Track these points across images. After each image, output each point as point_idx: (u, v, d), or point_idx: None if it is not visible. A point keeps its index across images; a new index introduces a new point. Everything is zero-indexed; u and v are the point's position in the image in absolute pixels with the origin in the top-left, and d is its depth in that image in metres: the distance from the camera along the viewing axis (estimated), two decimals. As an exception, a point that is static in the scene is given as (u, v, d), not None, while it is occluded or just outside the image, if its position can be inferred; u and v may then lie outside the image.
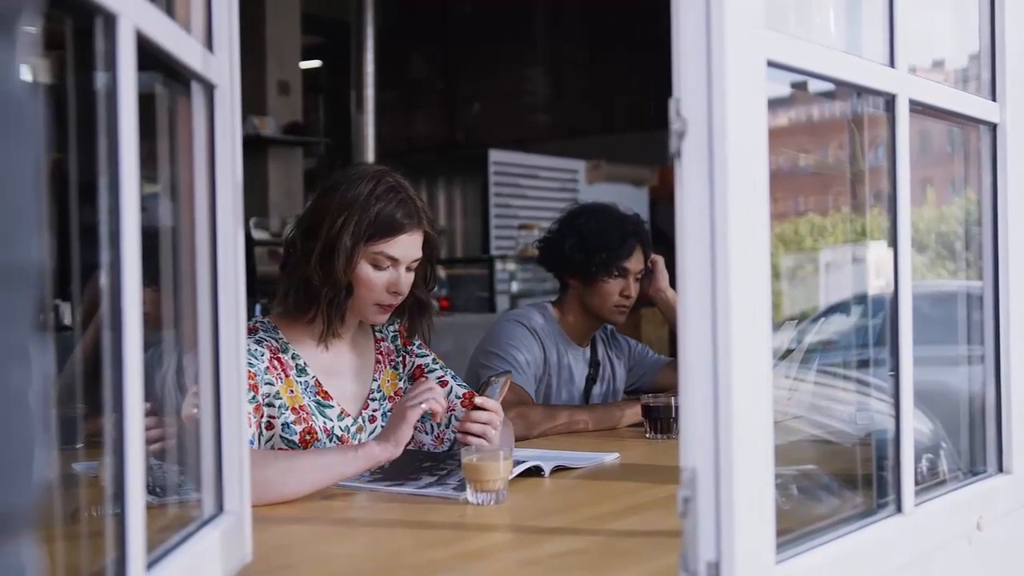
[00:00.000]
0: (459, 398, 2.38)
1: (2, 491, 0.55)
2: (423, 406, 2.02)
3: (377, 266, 2.22)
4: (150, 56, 1.11)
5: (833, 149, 2.06)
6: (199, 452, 1.37)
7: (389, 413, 2.33)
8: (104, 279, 1.02)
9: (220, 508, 1.38)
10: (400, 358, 2.44)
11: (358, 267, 2.21)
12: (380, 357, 2.40)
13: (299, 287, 2.22)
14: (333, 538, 1.74)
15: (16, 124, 0.55)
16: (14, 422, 0.55)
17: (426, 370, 2.44)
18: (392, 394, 2.39)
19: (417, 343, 2.47)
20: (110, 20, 1.00)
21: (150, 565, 1.09)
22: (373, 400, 2.35)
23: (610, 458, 2.38)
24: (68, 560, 1.18)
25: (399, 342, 2.45)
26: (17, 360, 0.56)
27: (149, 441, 1.43)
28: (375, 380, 2.37)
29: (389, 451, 1.98)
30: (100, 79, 1.02)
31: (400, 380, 2.42)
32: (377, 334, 2.43)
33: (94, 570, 1.11)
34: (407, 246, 2.25)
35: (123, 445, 1.01)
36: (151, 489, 1.24)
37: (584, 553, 1.59)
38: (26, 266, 0.56)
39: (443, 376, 2.44)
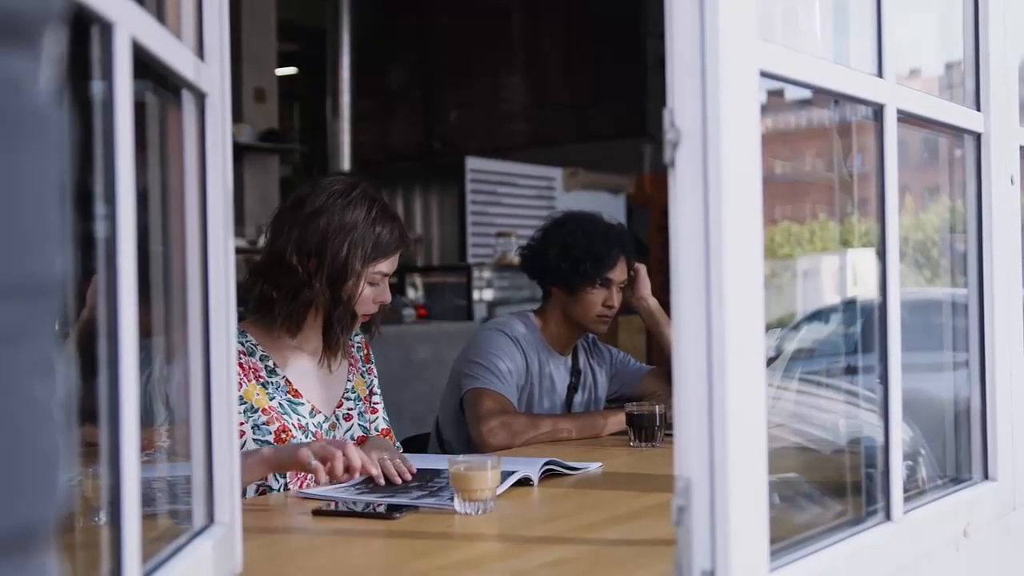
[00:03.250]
0: (378, 431, 2.46)
1: (31, 504, 0.55)
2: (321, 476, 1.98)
3: (372, 283, 2.32)
4: (141, 64, 1.11)
5: (810, 157, 2.07)
6: (190, 463, 1.36)
7: (364, 414, 2.46)
8: (99, 288, 1.01)
9: (211, 519, 1.37)
10: (366, 368, 2.54)
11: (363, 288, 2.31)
12: (352, 360, 2.49)
13: (303, 307, 2.29)
14: (323, 549, 1.73)
15: (43, 137, 0.55)
16: (40, 434, 0.55)
17: (373, 393, 2.55)
18: (362, 396, 2.48)
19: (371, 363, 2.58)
20: (106, 28, 0.99)
21: (144, 577, 1.08)
22: (348, 399, 2.44)
23: (594, 467, 2.38)
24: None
25: (362, 354, 2.55)
26: (42, 372, 0.55)
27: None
28: (349, 381, 2.46)
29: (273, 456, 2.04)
30: (95, 87, 1.02)
31: (367, 387, 2.51)
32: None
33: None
34: (396, 261, 2.37)
35: (119, 456, 1.00)
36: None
37: (576, 562, 1.59)
38: (51, 278, 0.56)
39: (378, 403, 2.54)
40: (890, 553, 1.52)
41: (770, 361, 2.19)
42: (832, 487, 1.75)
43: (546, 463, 2.22)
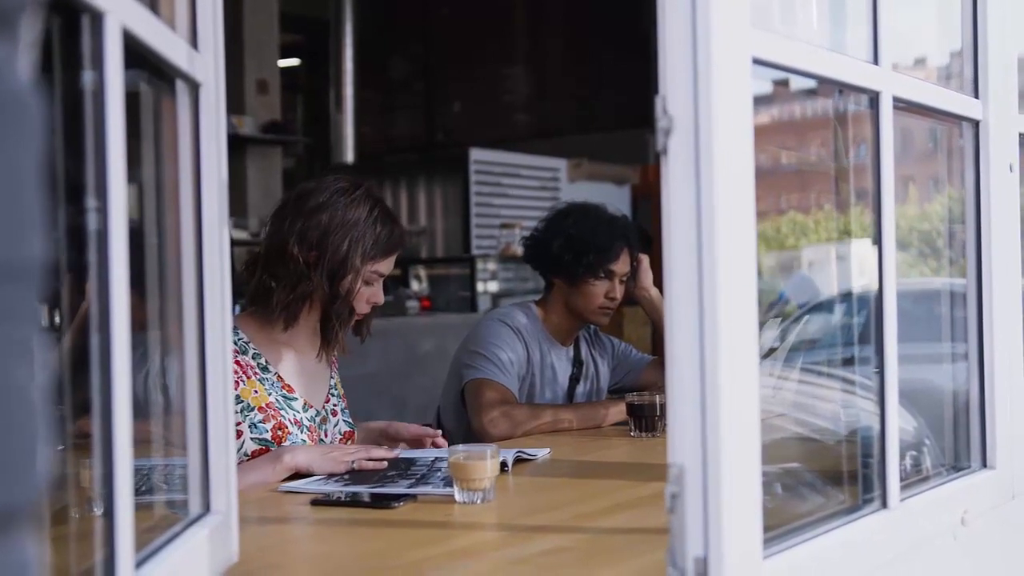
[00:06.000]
0: (340, 434, 2.47)
1: (8, 487, 0.55)
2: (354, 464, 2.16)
3: (368, 282, 2.34)
4: (134, 54, 1.11)
5: (815, 147, 2.07)
6: (186, 452, 1.37)
7: (345, 410, 2.50)
8: (91, 280, 1.01)
9: (207, 508, 1.37)
10: (337, 368, 2.57)
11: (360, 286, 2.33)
12: (333, 359, 2.52)
13: (300, 300, 2.30)
14: (320, 538, 1.74)
15: (21, 122, 0.56)
16: (19, 417, 0.55)
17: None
18: (342, 394, 2.52)
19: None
20: (97, 18, 0.99)
21: (138, 564, 1.09)
22: (333, 395, 2.48)
23: (542, 453, 2.39)
24: (53, 560, 1.17)
25: (336, 354, 2.57)
26: (22, 355, 0.56)
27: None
28: (332, 378, 2.50)
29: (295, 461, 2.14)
30: (86, 77, 1.02)
31: (341, 386, 2.55)
32: None
33: (82, 570, 1.10)
34: (392, 263, 2.39)
35: (111, 446, 1.01)
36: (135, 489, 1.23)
37: (572, 550, 1.59)
38: (29, 262, 0.56)
39: (344, 405, 2.55)
40: (886, 541, 1.52)
41: (772, 351, 2.19)
42: (831, 476, 1.75)
43: (516, 457, 2.26)
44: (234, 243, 6.68)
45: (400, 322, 6.37)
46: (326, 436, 2.39)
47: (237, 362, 2.26)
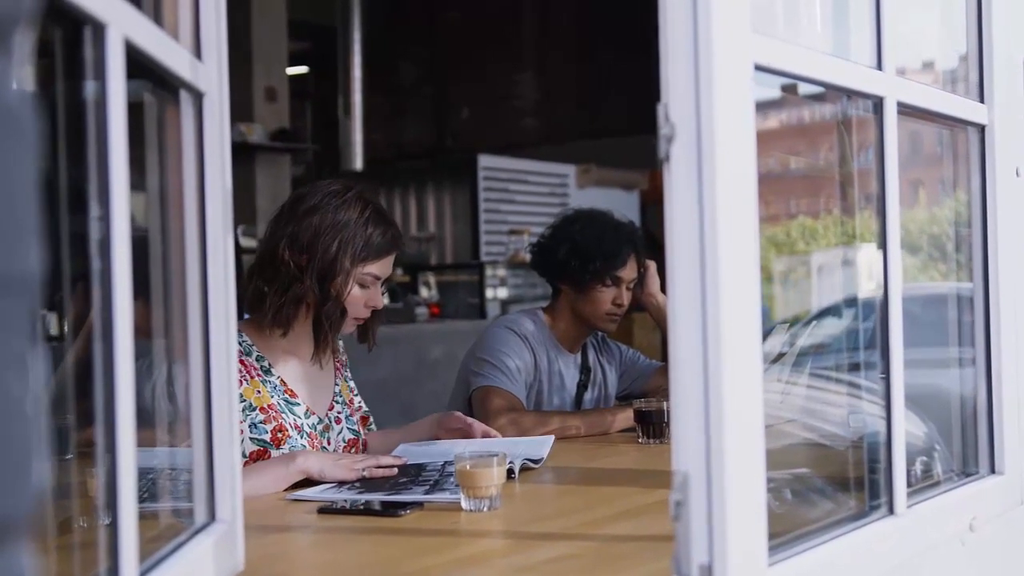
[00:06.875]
0: (344, 442, 2.46)
1: (3, 499, 0.55)
2: (364, 473, 2.15)
3: (362, 285, 2.34)
4: (138, 64, 1.11)
5: (824, 152, 2.07)
6: (191, 461, 1.37)
7: (350, 417, 2.48)
8: (94, 289, 1.02)
9: (212, 517, 1.37)
10: (347, 372, 2.57)
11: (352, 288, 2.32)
12: (338, 366, 2.52)
13: (292, 303, 2.30)
14: (325, 547, 1.74)
15: (13, 134, 0.56)
16: (13, 430, 0.56)
17: (353, 393, 2.57)
18: (347, 401, 2.51)
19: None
20: (99, 29, 1.00)
21: (143, 574, 1.09)
22: (337, 403, 2.47)
23: (547, 444, 2.41)
24: (60, 570, 1.18)
25: (344, 358, 2.58)
26: (16, 368, 0.56)
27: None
28: (336, 385, 2.49)
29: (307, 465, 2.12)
30: (89, 88, 1.02)
31: (350, 391, 2.54)
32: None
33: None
34: (389, 265, 2.38)
35: (115, 455, 1.01)
36: (140, 497, 1.24)
37: (578, 558, 1.59)
38: (24, 274, 0.56)
39: (349, 413, 2.54)
40: (893, 547, 1.52)
41: (780, 356, 2.19)
42: (839, 482, 1.75)
43: (522, 466, 2.24)
44: (243, 251, 6.69)
45: (409, 329, 6.37)
46: (329, 444, 2.39)
47: (241, 362, 2.27)
